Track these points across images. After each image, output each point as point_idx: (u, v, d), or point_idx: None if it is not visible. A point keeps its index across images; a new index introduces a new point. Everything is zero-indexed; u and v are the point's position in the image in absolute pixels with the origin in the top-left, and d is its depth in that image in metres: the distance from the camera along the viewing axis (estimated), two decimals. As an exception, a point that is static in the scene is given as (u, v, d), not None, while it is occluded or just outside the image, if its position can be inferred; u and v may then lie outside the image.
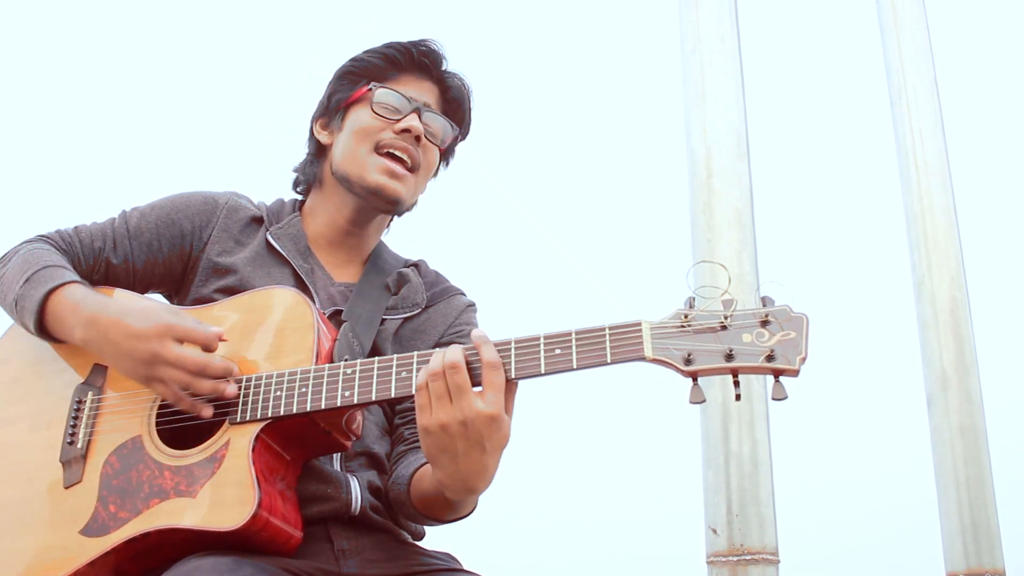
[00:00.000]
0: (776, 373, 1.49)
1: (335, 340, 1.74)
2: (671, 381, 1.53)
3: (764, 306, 1.53)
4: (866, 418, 4.50)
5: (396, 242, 2.11)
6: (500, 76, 5.14)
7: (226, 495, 1.57)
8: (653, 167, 4.97)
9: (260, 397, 1.64)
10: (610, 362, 1.53)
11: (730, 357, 1.49)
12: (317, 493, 1.73)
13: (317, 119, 2.03)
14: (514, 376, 1.56)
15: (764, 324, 1.50)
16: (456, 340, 1.95)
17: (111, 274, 1.88)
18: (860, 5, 4.51)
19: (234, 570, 1.47)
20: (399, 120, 1.91)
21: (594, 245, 5.17)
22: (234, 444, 1.62)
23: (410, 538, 1.88)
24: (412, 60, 1.98)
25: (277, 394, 1.63)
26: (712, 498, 3.15)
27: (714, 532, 3.11)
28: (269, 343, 1.70)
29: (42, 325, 1.74)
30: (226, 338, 1.67)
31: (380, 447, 1.86)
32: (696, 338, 1.51)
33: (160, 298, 1.92)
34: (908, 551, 4.24)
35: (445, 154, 2.07)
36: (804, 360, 1.48)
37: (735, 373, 1.51)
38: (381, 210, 1.95)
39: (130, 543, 1.58)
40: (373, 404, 1.67)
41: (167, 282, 1.91)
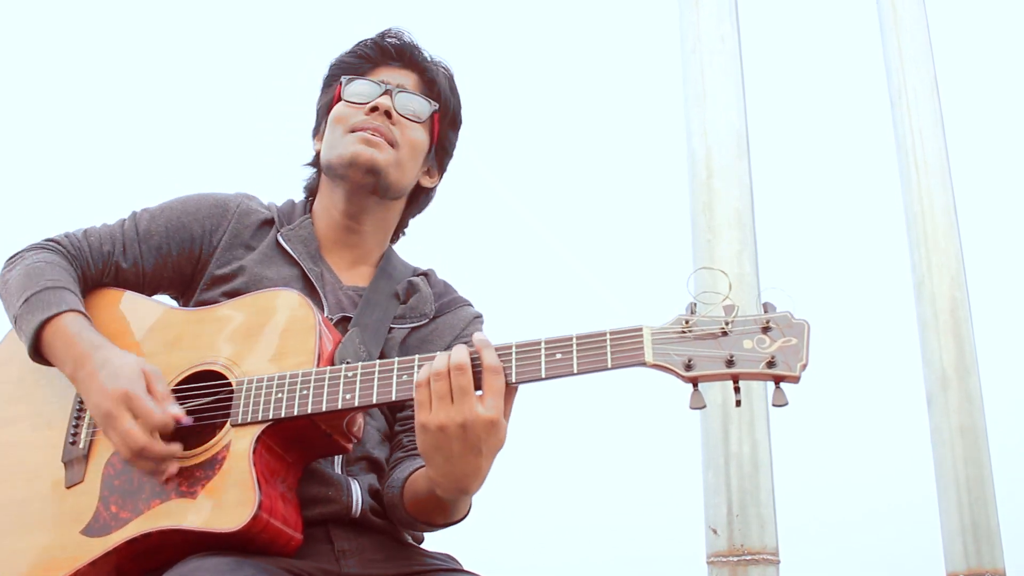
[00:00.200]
0: (777, 379, 1.48)
1: (337, 342, 1.74)
2: (671, 383, 1.53)
3: (765, 312, 1.52)
4: (866, 418, 4.50)
5: (402, 244, 2.11)
6: (501, 77, 5.14)
7: (227, 497, 1.57)
8: (653, 167, 4.98)
9: (261, 399, 1.64)
10: (610, 367, 1.52)
11: (731, 363, 1.48)
12: (318, 495, 1.73)
13: (314, 134, 2.08)
14: (514, 381, 1.56)
15: (765, 330, 1.50)
16: None
17: (121, 277, 1.88)
18: (860, 5, 4.52)
19: (235, 570, 1.47)
20: (367, 103, 1.93)
21: (594, 245, 5.18)
22: (235, 446, 1.61)
23: (410, 539, 1.88)
24: (382, 51, 2.01)
25: (279, 396, 1.63)
26: (712, 498, 3.15)
27: (714, 532, 3.11)
28: (271, 345, 1.70)
29: (38, 351, 1.75)
30: (185, 422, 1.64)
31: (380, 452, 1.86)
32: (697, 344, 1.51)
33: (168, 300, 1.92)
34: (908, 551, 4.24)
35: (440, 140, 2.05)
36: (805, 367, 1.47)
37: (736, 379, 1.51)
38: (363, 185, 1.91)
39: (131, 543, 1.58)
40: (374, 407, 1.66)
41: (175, 284, 1.91)
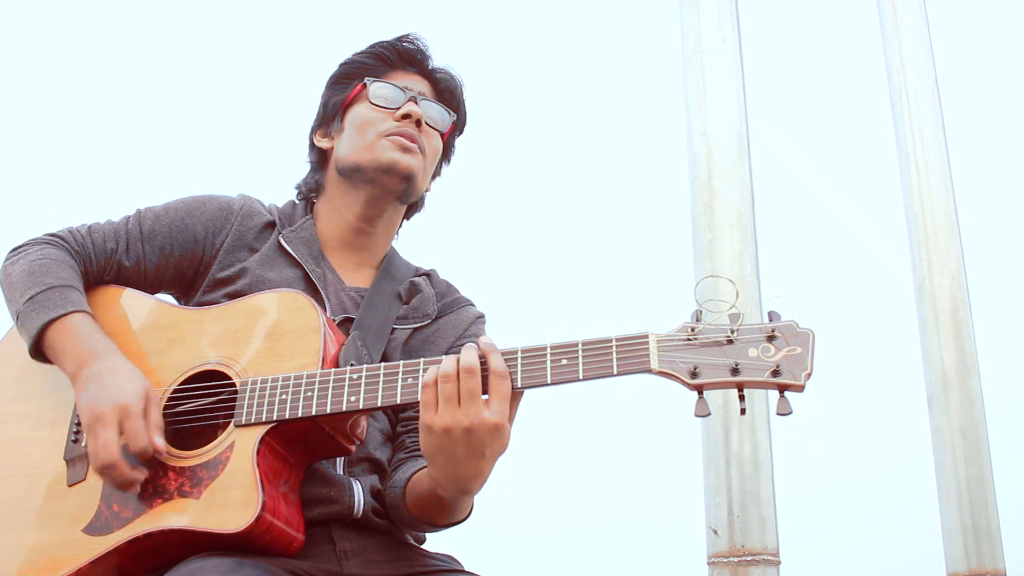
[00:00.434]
0: (781, 388, 1.48)
1: (342, 344, 1.74)
2: (673, 386, 1.53)
3: (771, 321, 1.52)
4: (867, 419, 4.50)
5: (402, 246, 2.11)
6: (502, 78, 5.15)
7: (230, 497, 1.57)
8: (654, 168, 4.98)
9: (266, 400, 1.63)
10: (616, 374, 1.52)
11: (736, 371, 1.49)
12: (320, 495, 1.73)
13: (316, 130, 2.06)
14: (520, 386, 1.56)
15: (770, 339, 1.50)
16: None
17: (122, 275, 1.89)
18: (861, 6, 4.52)
19: (236, 571, 1.47)
20: (397, 108, 1.94)
21: (594, 245, 5.18)
22: (239, 446, 1.61)
23: (411, 540, 1.88)
24: (400, 55, 2.02)
25: (283, 397, 1.63)
26: (713, 499, 3.15)
27: (715, 533, 3.11)
28: (275, 345, 1.70)
29: (39, 349, 1.75)
30: (164, 457, 1.63)
31: (382, 453, 1.86)
32: (702, 351, 1.51)
33: (170, 299, 1.93)
34: (909, 552, 4.24)
35: (445, 148, 2.08)
36: (809, 376, 1.47)
37: (740, 387, 1.51)
38: (394, 191, 1.93)
39: (133, 543, 1.58)
40: (378, 410, 1.66)
41: (177, 284, 1.92)
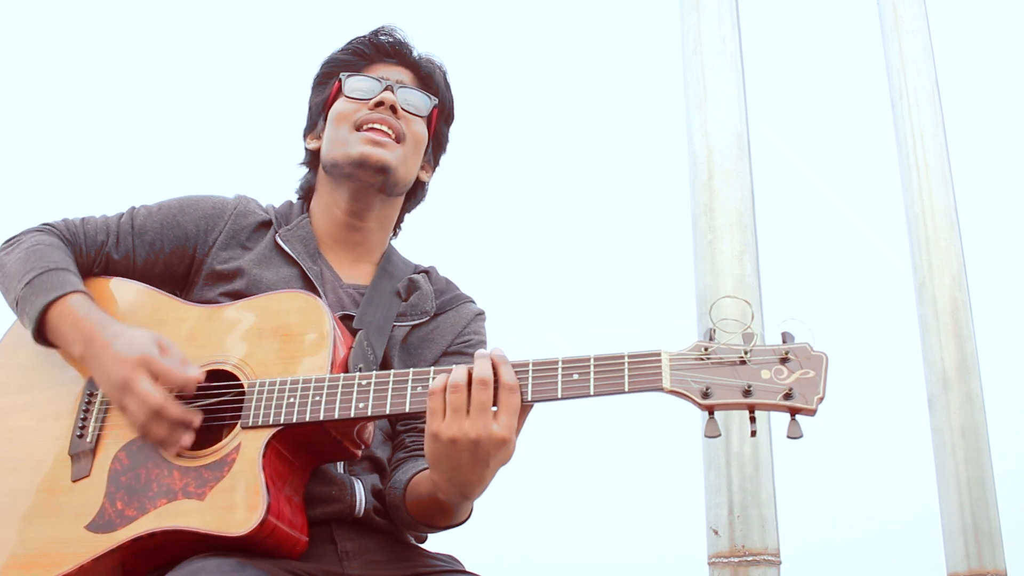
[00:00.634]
0: (793, 412, 1.47)
1: (351, 348, 1.73)
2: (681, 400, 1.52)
3: (784, 342, 1.51)
4: (867, 419, 4.50)
5: (401, 248, 2.10)
6: (502, 79, 5.15)
7: (235, 500, 1.56)
8: (654, 168, 4.98)
9: (273, 403, 1.63)
10: (627, 391, 1.51)
11: (748, 393, 1.47)
12: (321, 495, 1.73)
13: (306, 133, 2.07)
14: (530, 399, 1.55)
15: (783, 361, 1.49)
16: (463, 350, 1.94)
17: (111, 268, 1.89)
18: (861, 7, 4.52)
19: (238, 571, 1.47)
20: (371, 98, 1.94)
21: (595, 246, 5.18)
22: (245, 448, 1.61)
23: (412, 540, 1.88)
24: (377, 48, 2.03)
25: (291, 401, 1.62)
26: (713, 499, 3.15)
27: (715, 533, 3.11)
28: (284, 348, 1.69)
29: (41, 333, 1.75)
30: (202, 380, 1.65)
31: (383, 452, 1.86)
32: (715, 371, 1.49)
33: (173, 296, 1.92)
34: (910, 552, 4.24)
35: (436, 135, 2.07)
36: (822, 400, 1.46)
37: (752, 409, 1.50)
38: (372, 184, 1.93)
39: (135, 541, 1.58)
40: (387, 417, 1.65)
41: (167, 280, 1.91)
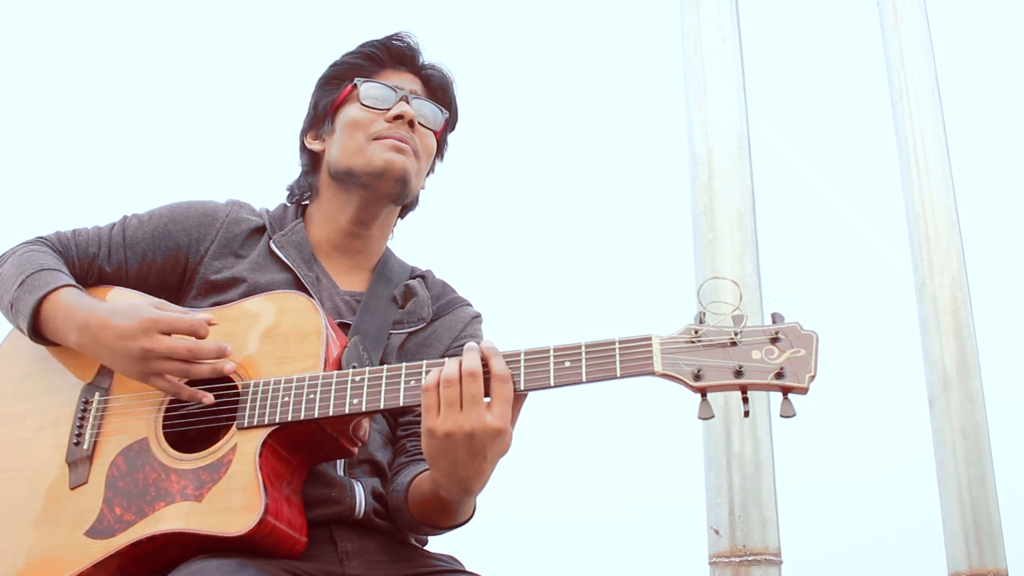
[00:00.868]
0: (785, 390, 1.48)
1: (344, 346, 1.73)
2: (675, 386, 1.53)
3: (774, 323, 1.53)
4: (868, 419, 4.50)
5: (401, 249, 2.11)
6: (502, 79, 5.15)
7: (233, 500, 1.57)
8: (654, 168, 4.98)
9: (268, 402, 1.64)
10: (619, 376, 1.52)
11: (739, 374, 1.49)
12: (321, 496, 1.73)
13: (306, 132, 2.03)
14: (523, 388, 1.56)
15: (774, 341, 1.50)
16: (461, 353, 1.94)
17: (104, 280, 1.89)
18: (861, 6, 4.52)
19: (238, 571, 1.47)
20: (389, 109, 1.92)
21: (595, 246, 5.18)
22: (241, 449, 1.61)
23: (413, 541, 1.88)
24: (390, 54, 2.00)
25: (285, 400, 1.63)
26: (714, 499, 3.14)
27: (716, 533, 3.11)
28: (277, 347, 1.70)
29: (37, 330, 1.75)
30: (215, 322, 1.68)
31: (383, 455, 1.86)
32: (706, 354, 1.51)
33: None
34: (910, 552, 4.24)
35: (439, 145, 2.06)
36: (813, 378, 1.48)
37: (744, 390, 1.51)
38: (388, 194, 1.91)
39: (135, 546, 1.58)
40: (381, 412, 1.66)
41: (161, 291, 1.89)
